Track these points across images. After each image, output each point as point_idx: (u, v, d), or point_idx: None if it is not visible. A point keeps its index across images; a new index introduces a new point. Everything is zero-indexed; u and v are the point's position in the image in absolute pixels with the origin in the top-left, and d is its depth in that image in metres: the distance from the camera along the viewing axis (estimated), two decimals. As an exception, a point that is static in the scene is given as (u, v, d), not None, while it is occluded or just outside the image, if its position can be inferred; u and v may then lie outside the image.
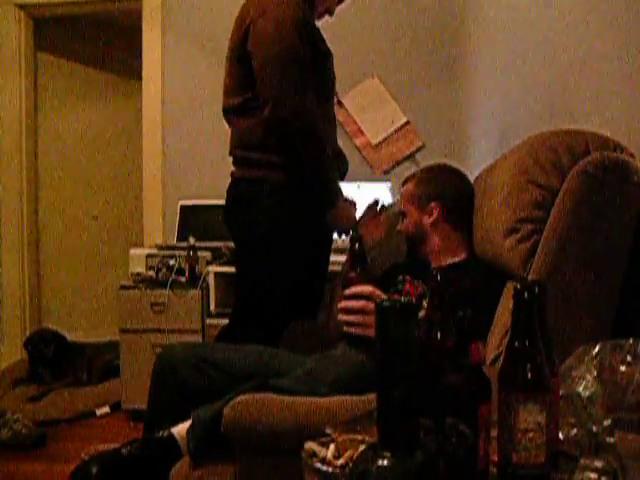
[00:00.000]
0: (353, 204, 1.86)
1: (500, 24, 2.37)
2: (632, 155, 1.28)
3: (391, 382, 0.58)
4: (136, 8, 3.53)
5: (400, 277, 1.64)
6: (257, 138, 1.77)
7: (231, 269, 2.40)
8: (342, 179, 1.95)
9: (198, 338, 2.75)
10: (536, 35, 1.92)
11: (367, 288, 1.27)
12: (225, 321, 2.02)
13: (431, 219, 1.60)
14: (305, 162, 1.72)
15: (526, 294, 0.76)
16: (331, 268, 2.03)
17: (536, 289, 0.79)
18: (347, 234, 1.87)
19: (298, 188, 1.74)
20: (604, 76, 1.45)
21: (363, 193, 2.96)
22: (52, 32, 4.04)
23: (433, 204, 1.60)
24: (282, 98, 1.67)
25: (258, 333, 1.70)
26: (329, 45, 1.97)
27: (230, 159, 1.90)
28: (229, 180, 1.90)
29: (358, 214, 1.88)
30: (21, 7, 3.62)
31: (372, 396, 0.66)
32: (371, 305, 1.23)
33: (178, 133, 3.42)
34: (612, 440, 0.75)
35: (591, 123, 1.50)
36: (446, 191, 1.61)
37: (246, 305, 1.83)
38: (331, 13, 1.96)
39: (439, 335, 0.79)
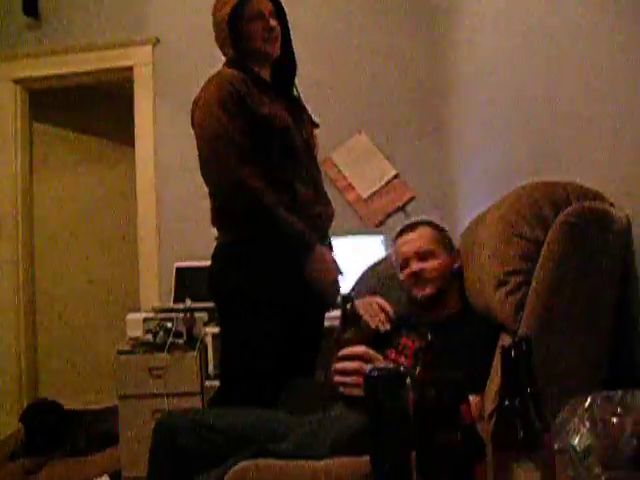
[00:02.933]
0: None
1: (485, 77, 2.46)
2: (612, 204, 1.32)
3: (384, 450, 0.59)
4: (128, 77, 3.65)
5: (396, 331, 1.65)
6: (217, 209, 1.88)
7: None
8: (324, 229, 1.97)
9: (198, 401, 2.73)
10: (520, 88, 2.00)
11: (361, 349, 1.28)
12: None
13: (456, 266, 1.64)
14: (254, 228, 1.77)
15: (513, 353, 0.78)
16: (327, 323, 2.04)
17: (523, 346, 0.81)
18: (331, 285, 1.86)
19: (260, 247, 1.78)
20: (587, 127, 1.50)
21: (357, 247, 3.00)
22: (47, 103, 4.16)
23: (456, 252, 1.67)
24: (213, 176, 1.77)
25: (249, 396, 1.69)
26: (315, 103, 2.04)
27: None
28: (222, 242, 1.95)
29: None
30: (17, 82, 3.73)
31: (370, 460, 0.66)
32: (365, 366, 1.24)
33: (171, 196, 3.49)
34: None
35: (574, 171, 1.55)
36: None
37: (231, 368, 1.84)
38: (272, 42, 1.89)
39: (431, 396, 0.80)
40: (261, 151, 1.80)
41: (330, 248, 2.07)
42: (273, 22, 1.88)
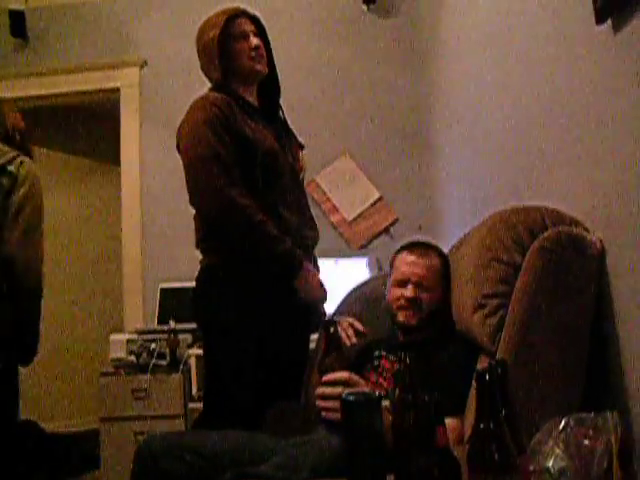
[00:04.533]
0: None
1: (466, 102, 2.52)
2: (586, 229, 1.36)
3: (359, 473, 0.61)
4: (115, 98, 3.68)
5: (376, 352, 1.67)
6: (203, 231, 1.89)
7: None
8: (309, 253, 1.97)
9: (181, 423, 2.71)
10: (501, 113, 2.04)
11: (344, 374, 1.29)
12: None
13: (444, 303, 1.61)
14: (244, 246, 1.78)
15: (487, 376, 0.80)
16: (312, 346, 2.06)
17: (498, 370, 0.83)
18: (319, 302, 1.88)
19: (246, 270, 1.79)
20: (564, 153, 1.54)
21: (341, 269, 3.03)
22: (33, 123, 4.15)
23: (449, 295, 1.61)
24: (202, 198, 1.78)
25: (233, 418, 1.69)
26: (300, 126, 2.05)
27: None
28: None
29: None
30: (3, 101, 3.74)
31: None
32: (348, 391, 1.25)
33: (156, 217, 3.50)
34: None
35: (551, 196, 1.58)
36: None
37: (214, 391, 1.84)
38: (259, 60, 1.92)
39: (408, 418, 0.82)
40: (246, 174, 1.81)
41: (317, 270, 2.09)
42: (257, 41, 1.92)
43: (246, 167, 1.81)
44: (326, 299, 1.91)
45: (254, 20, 1.97)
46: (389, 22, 3.52)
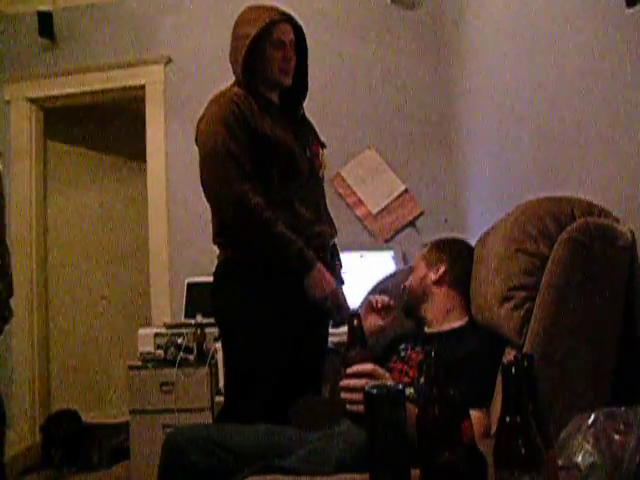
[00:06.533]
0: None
1: (490, 93, 2.48)
2: (617, 220, 1.32)
3: (381, 467, 0.60)
4: (140, 95, 3.71)
5: (402, 345, 1.67)
6: (219, 226, 1.91)
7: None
8: (324, 247, 1.95)
9: (208, 416, 2.74)
10: (526, 103, 2.01)
11: (368, 366, 1.29)
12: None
13: (436, 277, 1.67)
14: (254, 243, 1.79)
15: (514, 370, 0.78)
16: (331, 340, 2.06)
17: (525, 363, 0.81)
18: (324, 302, 1.84)
19: (262, 264, 1.79)
20: (592, 143, 1.51)
21: (366, 262, 3.01)
22: (61, 120, 4.23)
23: (440, 265, 1.68)
24: (214, 192, 1.80)
25: (253, 412, 1.70)
26: (325, 120, 2.04)
27: None
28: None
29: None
30: (32, 101, 3.81)
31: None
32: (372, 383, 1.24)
33: (183, 212, 3.52)
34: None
35: (580, 187, 1.55)
36: (456, 260, 1.69)
37: (235, 385, 1.85)
38: (287, 73, 1.92)
39: (433, 413, 0.80)
40: (262, 171, 1.82)
41: (340, 265, 2.08)
42: (291, 53, 1.92)
43: (263, 163, 1.82)
44: (336, 299, 1.86)
45: (296, 27, 1.95)
46: (413, 14, 3.48)
